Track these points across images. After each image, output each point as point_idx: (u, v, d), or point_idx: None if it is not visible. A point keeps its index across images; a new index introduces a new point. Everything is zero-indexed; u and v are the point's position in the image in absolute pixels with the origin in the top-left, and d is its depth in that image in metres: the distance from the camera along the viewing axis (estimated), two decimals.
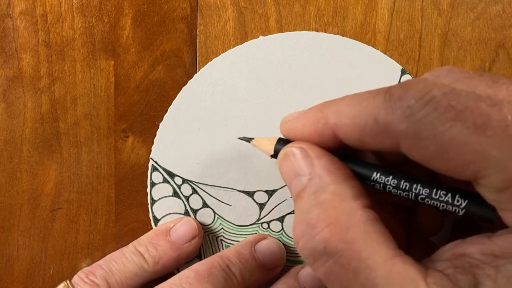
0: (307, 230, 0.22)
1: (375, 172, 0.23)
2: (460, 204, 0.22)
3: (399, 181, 0.23)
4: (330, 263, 0.21)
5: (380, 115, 0.21)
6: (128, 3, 0.34)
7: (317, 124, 0.24)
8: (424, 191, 0.22)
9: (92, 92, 0.34)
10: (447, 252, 0.22)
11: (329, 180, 0.23)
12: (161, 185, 0.34)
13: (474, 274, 0.20)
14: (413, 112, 0.20)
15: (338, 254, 0.21)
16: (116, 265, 0.32)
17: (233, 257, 0.32)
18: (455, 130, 0.19)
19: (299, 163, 0.24)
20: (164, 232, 0.33)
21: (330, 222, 0.22)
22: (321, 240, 0.22)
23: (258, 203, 0.34)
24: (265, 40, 0.34)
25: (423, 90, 0.20)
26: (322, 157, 0.23)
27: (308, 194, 0.23)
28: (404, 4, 0.34)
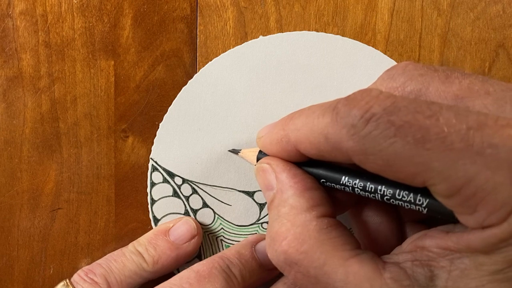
0: (270, 243, 0.24)
1: (343, 176, 0.25)
2: (422, 203, 0.23)
3: (365, 183, 0.24)
4: (293, 272, 0.24)
5: (329, 134, 0.22)
6: (128, 3, 0.34)
7: (281, 142, 0.25)
8: (388, 192, 0.23)
9: (92, 92, 0.34)
10: (409, 244, 0.24)
11: (289, 194, 0.25)
12: (161, 185, 0.34)
13: (430, 266, 0.22)
14: (356, 130, 0.21)
15: (297, 265, 0.23)
16: (115, 264, 0.32)
17: (234, 258, 0.32)
18: (397, 145, 0.20)
19: (267, 178, 0.26)
20: (164, 232, 0.33)
21: (286, 236, 0.24)
22: (281, 252, 0.24)
23: (258, 203, 0.34)
24: (265, 40, 0.34)
25: (364, 106, 0.21)
26: (283, 171, 0.25)
27: (273, 207, 0.25)
28: (404, 4, 0.34)
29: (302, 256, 0.23)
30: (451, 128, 0.20)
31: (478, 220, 0.20)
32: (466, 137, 0.20)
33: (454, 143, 0.20)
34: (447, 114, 0.20)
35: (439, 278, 0.21)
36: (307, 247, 0.23)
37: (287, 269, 0.24)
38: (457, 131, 0.20)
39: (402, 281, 0.21)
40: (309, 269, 0.23)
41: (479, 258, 0.21)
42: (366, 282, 0.22)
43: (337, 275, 0.22)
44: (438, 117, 0.20)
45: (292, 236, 0.23)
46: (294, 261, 0.23)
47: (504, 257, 0.20)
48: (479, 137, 0.20)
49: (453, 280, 0.21)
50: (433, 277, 0.21)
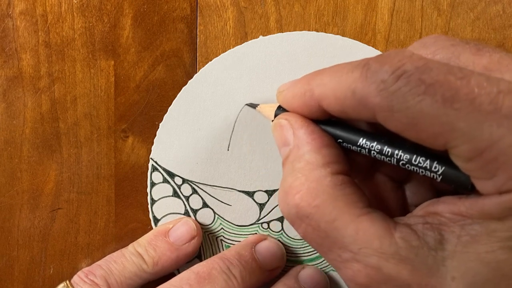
0: (283, 196, 0.24)
1: (361, 138, 0.25)
2: (437, 171, 0.23)
3: (383, 147, 0.24)
4: (303, 226, 0.24)
5: (358, 88, 0.22)
6: (128, 3, 0.34)
7: (304, 96, 0.25)
8: (405, 157, 0.23)
9: (92, 92, 0.34)
10: (421, 210, 0.24)
11: (305, 150, 0.25)
12: (161, 185, 0.34)
13: (440, 230, 0.22)
14: (386, 86, 0.21)
15: (308, 218, 0.23)
16: (115, 265, 0.32)
17: (234, 259, 0.32)
18: (424, 103, 0.20)
19: (284, 134, 0.26)
20: (163, 233, 0.33)
21: (300, 190, 0.24)
22: (293, 205, 0.24)
23: (258, 203, 0.34)
24: (265, 40, 0.34)
25: (396, 64, 0.21)
26: (302, 127, 0.25)
27: (288, 162, 0.25)
28: (404, 4, 0.34)
29: (314, 210, 0.23)
30: (481, 90, 0.20)
31: (497, 184, 0.20)
32: (496, 100, 0.20)
33: (483, 105, 0.20)
34: (478, 78, 0.20)
35: (448, 242, 0.21)
36: (319, 202, 0.23)
37: (297, 222, 0.24)
38: (487, 93, 0.20)
39: (412, 242, 0.21)
40: (320, 223, 0.23)
41: (492, 224, 0.21)
42: (375, 240, 0.22)
43: (347, 230, 0.22)
44: (469, 79, 0.20)
45: (306, 190, 0.23)
46: (305, 214, 0.23)
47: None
48: (508, 101, 0.20)
49: (463, 245, 0.21)
50: (443, 241, 0.21)
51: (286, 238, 0.34)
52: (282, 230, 0.34)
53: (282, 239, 0.34)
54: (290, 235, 0.34)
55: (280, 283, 0.32)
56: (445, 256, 0.21)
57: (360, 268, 0.22)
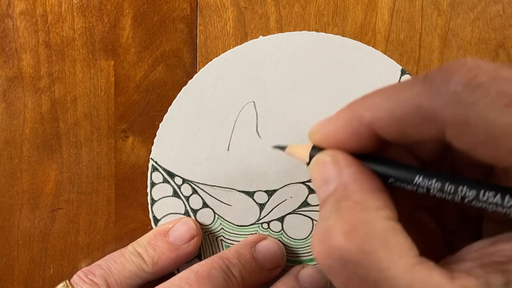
0: (324, 237, 0.21)
1: (417, 175, 0.22)
2: (511, 206, 0.21)
3: (444, 184, 0.22)
4: (346, 274, 0.21)
5: (423, 102, 0.20)
6: (128, 3, 0.34)
7: (350, 124, 0.23)
8: (471, 193, 0.21)
9: (92, 92, 0.34)
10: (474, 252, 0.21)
11: (355, 189, 0.22)
12: (161, 185, 0.34)
13: (505, 271, 0.20)
14: (460, 98, 0.19)
15: (356, 265, 0.20)
16: (115, 264, 0.32)
17: (233, 258, 0.32)
18: (508, 117, 0.19)
19: (328, 171, 0.23)
20: (163, 233, 0.33)
21: (347, 230, 0.21)
22: (337, 248, 0.21)
23: (258, 203, 0.34)
24: (265, 40, 0.34)
25: (468, 74, 0.20)
26: (351, 165, 0.23)
27: (331, 201, 0.22)
28: (404, 4, 0.34)
29: (363, 256, 0.20)
30: None
31: None
32: None
33: None
34: None
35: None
36: (371, 247, 0.20)
37: (338, 269, 0.21)
38: None
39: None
40: (369, 271, 0.20)
41: None
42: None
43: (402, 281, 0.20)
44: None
45: (355, 232, 0.20)
46: (352, 260, 0.20)
47: None
48: None
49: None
50: (510, 283, 0.19)
51: (286, 238, 0.34)
52: (282, 230, 0.34)
53: (282, 239, 0.34)
54: (290, 235, 0.34)
55: (280, 282, 0.32)
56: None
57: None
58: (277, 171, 0.34)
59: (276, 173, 0.34)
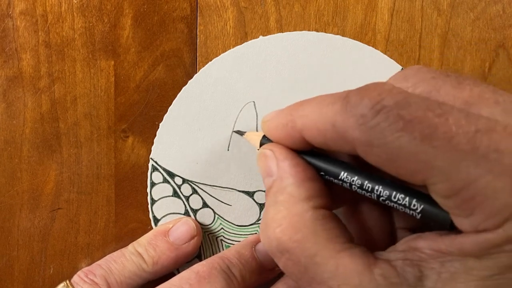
0: (264, 229, 0.24)
1: (342, 172, 0.25)
2: (416, 209, 0.23)
3: (363, 182, 0.24)
4: (283, 260, 0.24)
5: (337, 122, 0.22)
6: (128, 3, 0.34)
7: (286, 127, 0.25)
8: (385, 193, 0.23)
9: (92, 92, 0.34)
10: (403, 244, 0.23)
11: (288, 182, 0.25)
12: (161, 185, 0.34)
13: (420, 266, 0.22)
14: (365, 121, 0.21)
15: (289, 252, 0.23)
16: (115, 264, 0.32)
17: (234, 258, 0.32)
18: (403, 140, 0.20)
19: (268, 164, 0.26)
20: (163, 232, 0.33)
21: (281, 223, 0.24)
22: (274, 238, 0.24)
23: (258, 203, 0.34)
24: (265, 40, 0.34)
25: (376, 98, 0.21)
26: (286, 159, 0.25)
27: (271, 194, 0.25)
28: (404, 4, 0.34)
29: (294, 244, 0.23)
30: (459, 128, 0.20)
31: (474, 223, 0.20)
32: (473, 139, 0.20)
33: (460, 144, 0.20)
34: (457, 115, 0.20)
35: (428, 279, 0.21)
36: (300, 236, 0.23)
37: (277, 255, 0.24)
38: (465, 132, 0.20)
39: (391, 279, 0.22)
40: (300, 258, 0.23)
41: (470, 262, 0.21)
42: (355, 276, 0.22)
43: (327, 266, 0.22)
44: (447, 116, 0.20)
45: (287, 224, 0.23)
46: (286, 248, 0.23)
47: (494, 263, 0.20)
48: (486, 140, 0.20)
49: (442, 282, 0.21)
50: (423, 278, 0.21)
51: None
52: None
53: None
54: None
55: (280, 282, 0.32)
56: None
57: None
58: None
59: None
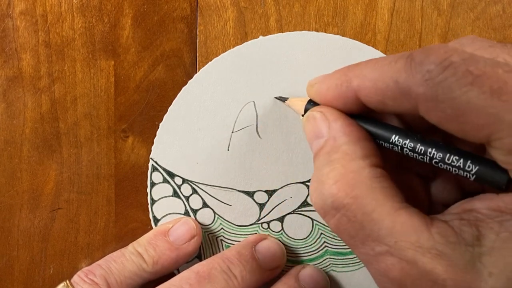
0: (318, 186, 0.24)
1: (393, 135, 0.25)
2: (471, 170, 0.23)
3: (416, 144, 0.24)
4: (338, 216, 0.23)
5: (401, 78, 0.22)
6: (128, 3, 0.34)
7: (340, 87, 0.25)
8: (438, 155, 0.23)
9: (92, 92, 0.34)
10: (456, 208, 0.23)
11: (342, 141, 0.24)
12: (161, 185, 0.34)
13: (478, 226, 0.21)
14: (432, 76, 0.21)
15: (345, 208, 0.23)
16: (115, 264, 0.32)
17: (234, 258, 0.32)
18: (471, 94, 0.20)
19: (318, 126, 0.26)
20: (163, 232, 0.33)
21: (338, 179, 0.23)
22: (329, 195, 0.23)
23: (258, 203, 0.34)
24: (265, 40, 0.34)
25: (443, 55, 0.21)
26: (338, 120, 0.25)
27: (323, 154, 0.25)
28: (404, 4, 0.34)
29: (351, 200, 0.23)
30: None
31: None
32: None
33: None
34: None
35: (486, 238, 0.21)
36: (358, 192, 0.23)
37: (331, 212, 0.24)
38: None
39: (449, 237, 0.21)
40: (356, 214, 0.23)
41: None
42: (413, 233, 0.22)
43: (384, 223, 0.22)
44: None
45: (344, 180, 0.23)
46: (342, 204, 0.23)
47: None
48: None
49: (501, 241, 0.21)
50: (480, 237, 0.21)
51: (286, 238, 0.34)
52: (282, 230, 0.34)
53: (282, 239, 0.34)
54: (290, 235, 0.34)
55: (281, 282, 0.32)
56: (482, 252, 0.21)
57: (395, 262, 0.22)
58: (277, 171, 0.34)
59: (276, 173, 0.34)
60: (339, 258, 0.34)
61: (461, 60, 0.21)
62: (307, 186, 0.34)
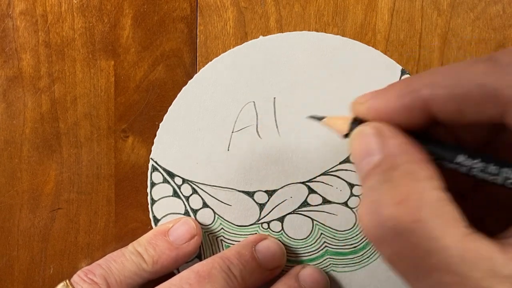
0: (374, 208, 0.21)
1: (460, 155, 0.22)
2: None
3: (487, 164, 0.22)
4: (398, 244, 0.21)
5: (488, 80, 0.20)
6: (128, 3, 0.34)
7: (404, 98, 0.22)
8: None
9: (92, 92, 0.34)
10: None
11: (403, 160, 0.22)
12: (161, 185, 0.34)
13: None
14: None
15: (409, 233, 0.20)
16: (115, 264, 0.32)
17: (234, 258, 0.31)
18: None
19: (371, 143, 0.23)
20: (163, 232, 0.33)
21: (401, 199, 0.21)
22: (389, 217, 0.21)
23: (258, 203, 0.34)
24: (265, 40, 0.34)
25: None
26: (397, 137, 0.22)
27: (379, 172, 0.22)
28: (404, 4, 0.34)
29: (416, 225, 0.20)
30: None
31: None
32: None
33: None
34: None
35: None
36: (424, 216, 0.20)
37: (390, 239, 0.21)
38: None
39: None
40: (422, 240, 0.20)
41: None
42: (486, 260, 0.19)
43: (454, 250, 0.20)
44: None
45: (408, 201, 0.20)
46: (405, 229, 0.20)
47: None
48: None
49: None
50: None
51: (286, 238, 0.34)
52: (282, 230, 0.34)
53: (282, 239, 0.34)
54: (290, 235, 0.34)
55: (281, 282, 0.32)
56: None
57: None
58: (277, 171, 0.34)
59: (276, 173, 0.34)
60: (339, 258, 0.34)
61: None
62: (307, 186, 0.34)
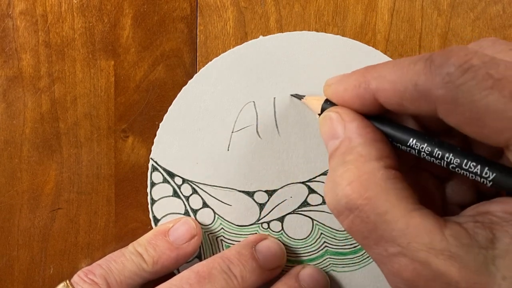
0: (332, 187, 0.24)
1: (411, 138, 0.25)
2: (488, 176, 0.23)
3: (433, 149, 0.24)
4: (351, 217, 0.24)
5: (420, 80, 0.22)
6: (128, 3, 0.34)
7: (358, 88, 0.25)
8: (455, 161, 0.23)
9: (92, 92, 0.34)
10: (471, 210, 0.23)
11: (357, 142, 0.25)
12: (161, 185, 0.34)
13: (493, 229, 0.21)
14: (452, 79, 0.21)
15: (358, 209, 0.23)
16: (115, 264, 0.32)
17: (234, 258, 0.31)
18: (491, 98, 0.20)
19: (334, 127, 0.26)
20: (163, 232, 0.33)
21: (352, 180, 0.24)
22: (343, 196, 0.24)
23: (258, 203, 0.34)
24: (265, 40, 0.34)
25: (463, 58, 0.21)
26: (354, 121, 0.25)
27: (338, 154, 0.25)
28: (404, 4, 0.34)
29: (365, 201, 0.23)
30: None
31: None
32: None
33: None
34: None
35: (500, 241, 0.21)
36: (371, 194, 0.23)
37: (345, 213, 0.24)
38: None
39: (462, 239, 0.21)
40: (369, 215, 0.23)
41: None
42: (425, 235, 0.22)
43: (397, 224, 0.22)
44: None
45: (358, 181, 0.23)
46: (356, 205, 0.23)
47: None
48: None
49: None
50: (495, 240, 0.21)
51: (286, 238, 0.34)
52: (282, 230, 0.34)
53: (282, 239, 0.34)
54: (290, 235, 0.34)
55: (281, 282, 0.32)
56: (496, 255, 0.21)
57: (408, 263, 0.22)
58: (277, 171, 0.34)
59: (276, 173, 0.34)
60: (339, 258, 0.34)
61: (481, 63, 0.21)
62: (307, 186, 0.34)
